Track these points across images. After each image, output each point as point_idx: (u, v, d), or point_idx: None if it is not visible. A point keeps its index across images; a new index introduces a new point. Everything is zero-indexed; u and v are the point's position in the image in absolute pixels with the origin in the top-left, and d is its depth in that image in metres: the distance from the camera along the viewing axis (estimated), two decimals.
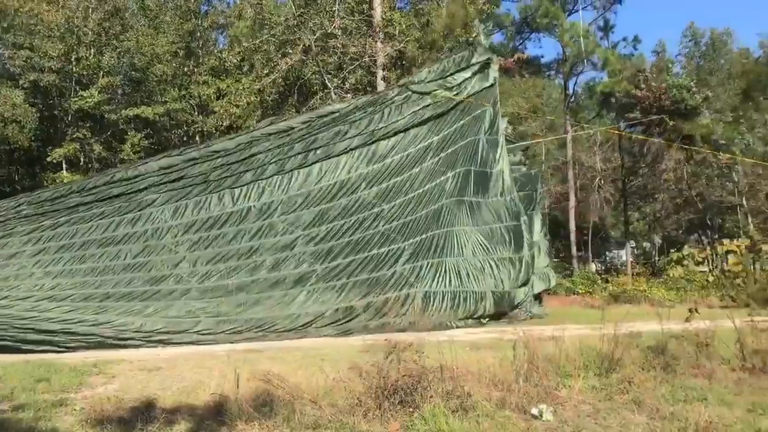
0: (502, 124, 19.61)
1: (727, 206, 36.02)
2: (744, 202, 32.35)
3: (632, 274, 29.52)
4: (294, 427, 5.84)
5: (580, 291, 26.03)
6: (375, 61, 23.85)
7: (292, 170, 16.37)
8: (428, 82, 17.26)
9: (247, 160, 16.24)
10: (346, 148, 16.55)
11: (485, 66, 18.08)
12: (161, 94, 31.02)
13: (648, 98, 30.70)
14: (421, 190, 16.66)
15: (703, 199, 36.24)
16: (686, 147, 29.80)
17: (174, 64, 31.11)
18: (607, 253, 46.77)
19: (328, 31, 23.80)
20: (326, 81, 24.84)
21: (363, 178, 16.49)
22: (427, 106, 17.05)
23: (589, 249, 39.53)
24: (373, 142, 16.68)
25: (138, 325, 13.27)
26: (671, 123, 28.94)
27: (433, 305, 15.04)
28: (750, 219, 32.52)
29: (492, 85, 18.38)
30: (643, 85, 31.01)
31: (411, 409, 6.07)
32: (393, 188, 16.59)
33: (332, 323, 14.23)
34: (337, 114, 16.59)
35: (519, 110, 30.47)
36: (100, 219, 16.17)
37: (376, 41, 23.60)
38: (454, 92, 17.49)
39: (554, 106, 37.35)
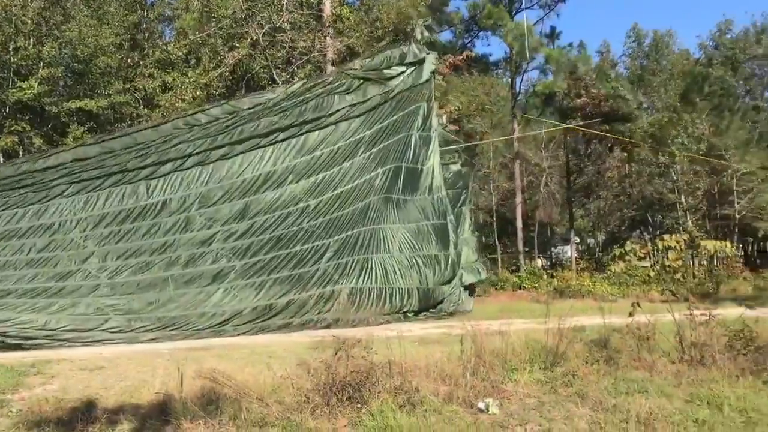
0: (436, 121, 19.42)
1: (666, 203, 37.12)
2: (683, 200, 33.39)
3: (576, 270, 30.13)
4: (240, 425, 5.77)
5: (526, 286, 26.43)
6: (324, 56, 23.72)
7: (213, 162, 15.79)
8: (363, 70, 16.94)
9: (167, 151, 15.58)
10: (273, 139, 16.04)
11: (421, 62, 17.83)
12: (105, 86, 30.18)
13: (588, 105, 31.67)
14: (350, 186, 16.35)
15: (644, 197, 37.30)
16: (632, 142, 30.59)
17: (118, 56, 30.33)
18: (552, 249, 47.64)
19: (277, 26, 23.55)
20: (275, 75, 24.58)
21: (290, 171, 16.06)
22: (365, 101, 16.72)
23: (535, 245, 40.21)
24: (302, 134, 16.24)
25: (42, 323, 12.80)
26: (606, 127, 29.85)
27: (358, 302, 14.94)
28: (688, 216, 33.58)
29: (427, 81, 18.12)
30: (583, 92, 31.94)
31: (359, 405, 6.07)
32: (321, 183, 16.21)
33: (251, 321, 13.95)
34: (265, 104, 16.04)
35: (467, 108, 30.68)
36: (2, 210, 15.38)
37: (325, 36, 23.46)
38: (388, 87, 17.21)
39: (502, 104, 37.80)
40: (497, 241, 37.46)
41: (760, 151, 35.58)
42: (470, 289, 18.40)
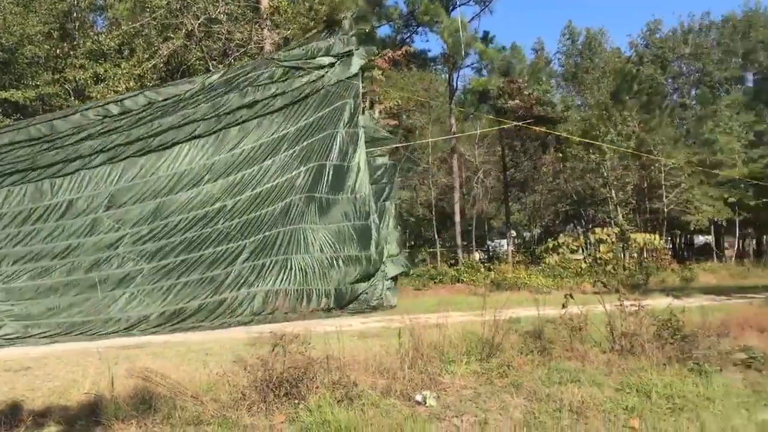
0: (365, 118, 19.17)
1: (598, 198, 38.18)
2: (613, 194, 34.44)
3: (513, 263, 30.69)
4: (175, 424, 5.65)
5: (464, 279, 26.77)
6: (261, 48, 23.39)
7: (125, 159, 15.03)
8: (286, 60, 16.50)
9: (75, 146, 14.74)
10: (190, 135, 15.41)
11: (348, 55, 17.53)
12: (33, 77, 29.01)
13: (521, 107, 32.43)
14: (270, 185, 15.91)
15: (578, 192, 38.27)
16: (565, 137, 31.35)
17: (47, 46, 29.18)
18: (490, 242, 48.40)
19: (213, 17, 23.07)
20: (211, 68, 24.09)
21: (207, 170, 15.50)
22: (288, 92, 16.26)
23: (473, 239, 40.76)
24: (220, 129, 15.68)
25: None
26: (536, 129, 30.62)
27: (275, 304, 14.61)
28: (619, 210, 34.65)
29: (355, 76, 17.79)
30: (516, 94, 32.69)
31: (296, 401, 6.02)
32: (241, 182, 15.68)
33: (159, 326, 13.46)
34: (182, 96, 15.37)
35: (406, 103, 30.83)
36: None
37: (262, 28, 23.13)
38: (314, 77, 16.85)
39: (442, 100, 38.13)
40: (437, 235, 37.79)
41: (687, 147, 37.05)
42: (394, 283, 18.27)
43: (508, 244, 40.07)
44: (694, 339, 7.97)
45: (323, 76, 17.02)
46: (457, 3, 32.71)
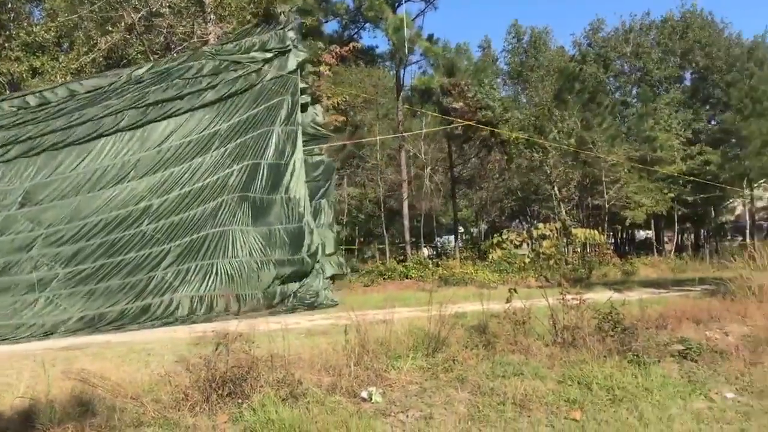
0: (302, 115, 18.30)
1: (543, 194, 38.87)
2: (556, 191, 35.13)
3: (460, 258, 30.99)
4: (114, 427, 5.50)
5: (413, 275, 26.91)
6: (205, 42, 22.98)
7: (42, 152, 14.33)
8: (220, 54, 16.02)
9: None
10: (112, 128, 14.70)
11: (285, 51, 17.01)
12: None
13: (465, 111, 32.79)
14: (200, 184, 15.21)
15: (522, 188, 38.88)
16: (511, 138, 31.80)
17: None
18: (438, 238, 48.78)
19: (154, 10, 22.55)
20: (152, 61, 23.57)
21: (133, 166, 14.82)
22: (219, 85, 15.62)
23: (421, 235, 41.01)
24: (147, 123, 15.00)
25: None
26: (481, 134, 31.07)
27: (201, 309, 14.04)
28: (562, 206, 35.37)
29: (293, 72, 17.17)
30: (459, 98, 33.08)
31: (240, 400, 5.94)
32: (169, 180, 14.97)
33: (79, 330, 12.85)
34: (106, 88, 14.72)
35: (354, 99, 30.76)
36: None
37: (206, 22, 22.72)
38: (247, 72, 16.32)
39: (390, 96, 38.19)
40: (385, 232, 37.88)
41: (628, 144, 38.04)
42: (332, 282, 17.76)
43: (456, 240, 40.43)
44: (633, 331, 8.15)
45: (258, 71, 16.45)
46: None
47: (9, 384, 7.15)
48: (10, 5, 30.24)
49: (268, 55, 16.67)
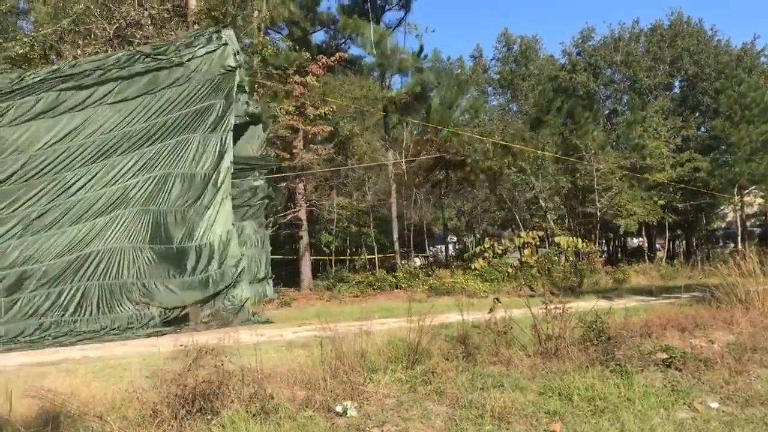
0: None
1: (532, 204, 38.81)
2: (542, 203, 35.14)
3: (451, 268, 30.84)
4: None
5: (403, 285, 26.76)
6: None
7: None
8: (148, 55, 14.97)
9: None
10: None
11: (210, 52, 15.76)
12: None
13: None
14: (94, 194, 13.86)
15: (514, 199, 38.72)
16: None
17: None
18: (431, 248, 48.63)
19: (136, 20, 22.33)
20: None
21: (19, 167, 13.46)
22: (121, 81, 14.19)
23: (411, 245, 40.83)
24: (33, 119, 13.61)
25: None
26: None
27: (76, 337, 13.10)
28: (548, 215, 35.39)
29: (225, 74, 15.85)
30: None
31: (210, 417, 5.76)
32: (54, 187, 13.60)
33: None
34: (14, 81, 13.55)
35: (344, 109, 30.59)
36: None
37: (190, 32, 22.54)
38: (165, 69, 15.12)
39: (379, 105, 38.01)
40: (374, 242, 37.66)
41: (618, 152, 38.08)
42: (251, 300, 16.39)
43: (446, 250, 40.26)
44: (617, 340, 8.04)
45: (184, 69, 15.21)
46: (384, 8, 32.35)
47: None
48: None
49: (189, 53, 15.47)
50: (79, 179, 13.92)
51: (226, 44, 15.76)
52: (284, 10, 24.36)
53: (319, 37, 43.02)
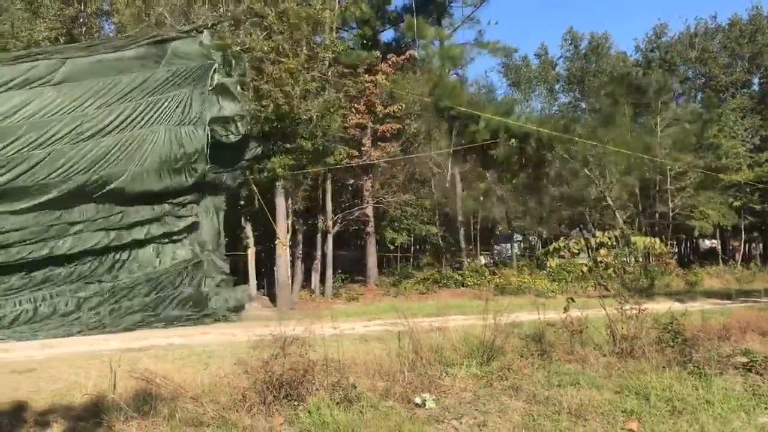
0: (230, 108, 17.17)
1: (600, 203, 38.02)
2: (609, 201, 34.39)
3: (518, 267, 30.64)
4: (175, 426, 5.67)
5: (468, 283, 26.77)
6: None
7: None
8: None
9: None
10: None
11: (177, 38, 16.23)
12: None
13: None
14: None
15: (582, 198, 38.05)
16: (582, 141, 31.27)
17: None
18: (496, 246, 48.27)
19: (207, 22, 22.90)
20: None
21: None
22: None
23: (477, 243, 40.67)
24: None
25: None
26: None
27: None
28: (617, 214, 34.57)
29: (202, 67, 16.09)
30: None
31: (296, 403, 6.05)
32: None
33: None
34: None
35: (413, 107, 30.61)
36: None
37: None
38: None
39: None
40: (441, 240, 37.72)
41: (692, 152, 36.93)
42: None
43: (512, 248, 39.95)
44: (694, 342, 7.97)
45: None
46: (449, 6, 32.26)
47: (78, 382, 7.45)
48: (81, 20, 31.53)
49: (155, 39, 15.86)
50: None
51: (188, 35, 16.47)
52: (356, 9, 24.64)
53: (388, 35, 43.23)
